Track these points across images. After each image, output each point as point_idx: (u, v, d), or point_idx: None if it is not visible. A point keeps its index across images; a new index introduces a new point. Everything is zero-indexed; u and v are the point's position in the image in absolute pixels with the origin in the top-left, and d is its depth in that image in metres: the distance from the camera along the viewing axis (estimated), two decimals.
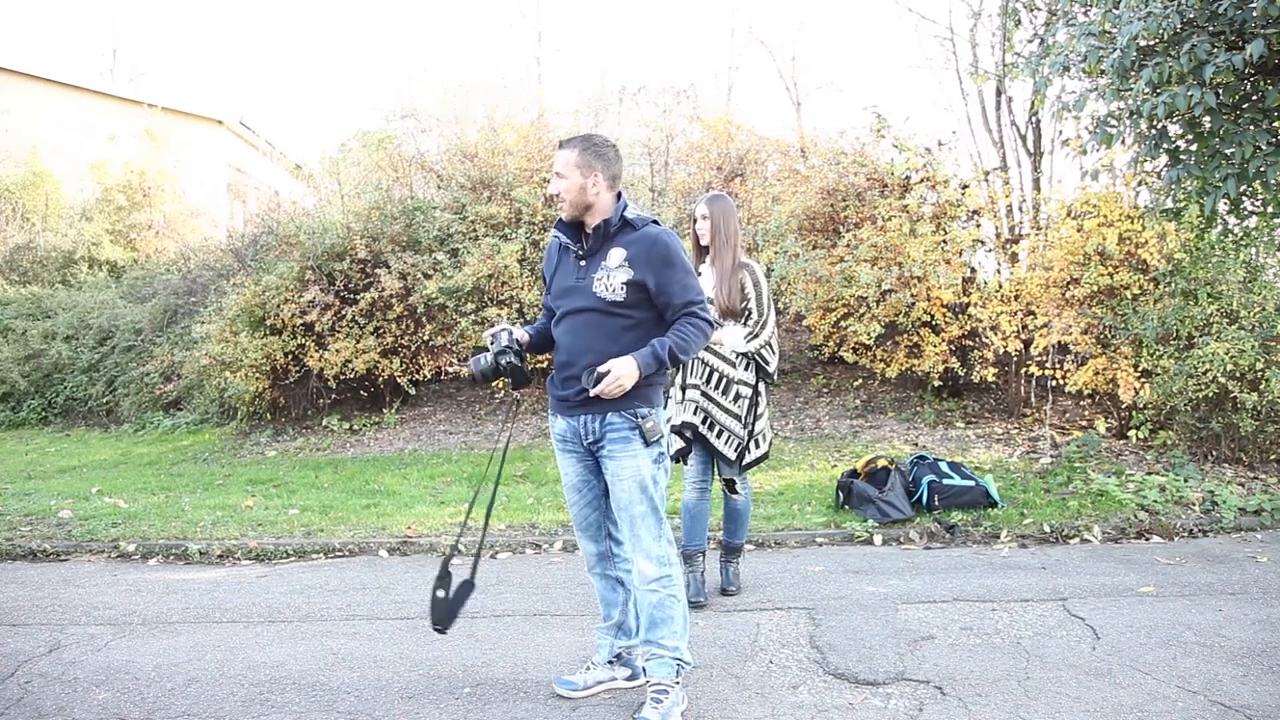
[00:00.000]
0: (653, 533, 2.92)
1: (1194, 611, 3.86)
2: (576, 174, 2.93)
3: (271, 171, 17.01)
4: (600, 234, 2.96)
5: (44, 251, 13.47)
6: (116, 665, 3.55)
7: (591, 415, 2.94)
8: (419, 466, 7.45)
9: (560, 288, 3.04)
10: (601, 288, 2.91)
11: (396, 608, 4.23)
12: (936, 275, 7.19)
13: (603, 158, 2.96)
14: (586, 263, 2.98)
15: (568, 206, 2.97)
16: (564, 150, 2.97)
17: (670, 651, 2.92)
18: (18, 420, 11.03)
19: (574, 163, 2.93)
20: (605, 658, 3.19)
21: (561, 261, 3.08)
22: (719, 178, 9.91)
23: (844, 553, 5.00)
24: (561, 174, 2.95)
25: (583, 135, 3.04)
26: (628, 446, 2.91)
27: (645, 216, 2.97)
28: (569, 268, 3.03)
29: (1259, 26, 4.07)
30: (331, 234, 8.80)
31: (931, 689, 3.13)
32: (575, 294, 2.97)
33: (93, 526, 5.75)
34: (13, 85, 15.92)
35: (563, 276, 3.05)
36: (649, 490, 2.92)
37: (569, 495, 3.13)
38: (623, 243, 2.94)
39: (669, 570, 2.93)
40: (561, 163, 2.95)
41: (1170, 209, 5.50)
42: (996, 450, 7.04)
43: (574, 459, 3.06)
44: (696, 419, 3.99)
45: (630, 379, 2.80)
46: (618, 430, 2.91)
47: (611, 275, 2.90)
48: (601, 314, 2.91)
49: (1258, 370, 6.15)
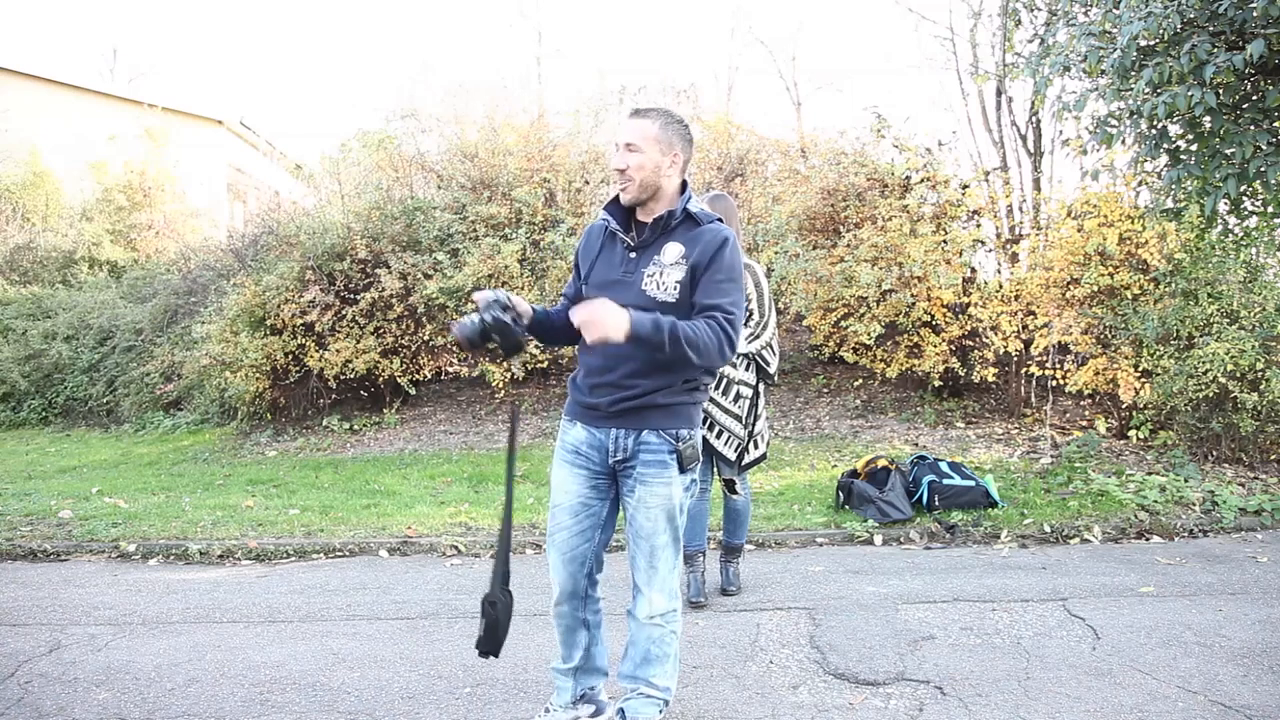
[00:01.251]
0: (670, 564, 2.64)
1: (1194, 611, 3.86)
2: (655, 150, 2.52)
3: (271, 171, 17.03)
4: (660, 226, 2.57)
5: (44, 251, 13.47)
6: (116, 665, 3.55)
7: (626, 430, 2.58)
8: (419, 467, 7.45)
9: (602, 279, 2.62)
10: (653, 285, 2.53)
11: (396, 608, 4.23)
12: (937, 275, 7.19)
13: (684, 138, 2.58)
14: (638, 255, 2.58)
15: (634, 188, 2.54)
16: (641, 120, 2.54)
17: (661, 692, 2.68)
18: (18, 420, 11.03)
19: (654, 136, 2.52)
20: (567, 700, 2.83)
21: (606, 249, 2.66)
22: (719, 178, 9.91)
23: (844, 553, 5.00)
24: (636, 147, 2.51)
25: (662, 108, 2.60)
26: (663, 472, 2.58)
27: (710, 213, 2.60)
28: (615, 257, 2.62)
29: (1259, 26, 4.08)
30: (332, 234, 8.80)
31: (932, 689, 3.13)
32: (620, 289, 2.55)
33: (93, 526, 5.75)
34: (13, 85, 15.93)
35: (606, 267, 2.63)
36: (675, 520, 2.64)
37: (560, 518, 2.69)
38: (683, 238, 2.56)
39: (676, 604, 2.67)
40: (638, 134, 2.52)
41: (1170, 209, 5.50)
42: (997, 450, 7.04)
43: (582, 476, 2.67)
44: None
45: (615, 330, 2.33)
46: (653, 452, 2.58)
47: (665, 272, 2.53)
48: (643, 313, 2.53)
49: (1258, 370, 6.15)
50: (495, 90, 10.49)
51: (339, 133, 29.56)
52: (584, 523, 2.69)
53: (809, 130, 10.66)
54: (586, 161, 9.47)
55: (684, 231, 2.57)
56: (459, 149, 9.71)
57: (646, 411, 2.57)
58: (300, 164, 16.70)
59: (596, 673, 2.86)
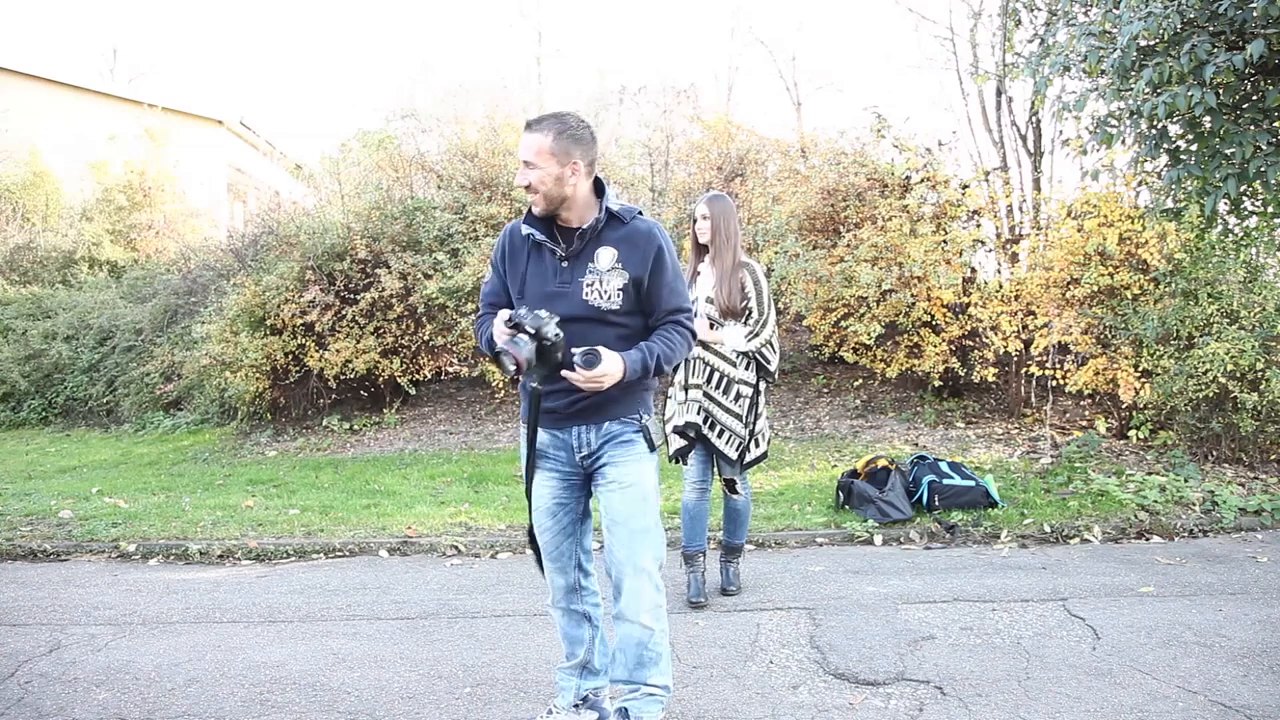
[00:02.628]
0: (653, 553, 2.60)
1: (1194, 611, 3.86)
2: (552, 163, 2.52)
3: (271, 171, 17.03)
4: (589, 233, 2.59)
5: (44, 251, 13.48)
6: (116, 665, 3.55)
7: (586, 425, 2.62)
8: (419, 466, 7.45)
9: (539, 292, 2.60)
10: (595, 295, 2.55)
11: (396, 608, 4.23)
12: (936, 275, 7.19)
13: (580, 142, 2.55)
14: (570, 264, 2.59)
15: (541, 200, 2.56)
16: (534, 134, 2.54)
17: (661, 690, 2.63)
18: (18, 420, 11.04)
19: (548, 150, 2.51)
20: (570, 701, 2.83)
21: (534, 259, 2.64)
22: (719, 178, 9.92)
23: (844, 553, 5.00)
24: (533, 163, 2.53)
25: (553, 115, 2.58)
26: (632, 451, 2.62)
27: (630, 206, 2.64)
28: (547, 269, 2.62)
29: (1259, 26, 4.07)
30: (331, 234, 8.80)
31: (932, 689, 3.13)
32: (560, 300, 2.55)
33: (93, 526, 5.75)
34: (13, 85, 15.94)
35: (539, 279, 2.62)
36: (651, 501, 2.63)
37: (541, 521, 2.72)
38: (611, 240, 2.59)
39: (661, 598, 2.62)
40: (533, 150, 2.53)
41: (1170, 209, 5.50)
42: (997, 450, 7.04)
43: (554, 479, 2.69)
44: (699, 419, 3.99)
45: (612, 381, 2.45)
46: (619, 435, 2.62)
47: (604, 280, 2.56)
48: (594, 323, 2.56)
49: (1258, 370, 6.15)
50: (495, 90, 10.52)
51: (339, 133, 29.56)
52: (562, 520, 2.73)
53: (809, 130, 10.67)
54: None
55: (611, 232, 2.60)
56: (459, 149, 9.72)
57: (605, 405, 2.61)
58: (300, 164, 16.70)
59: (600, 675, 2.87)
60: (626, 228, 2.61)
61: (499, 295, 2.75)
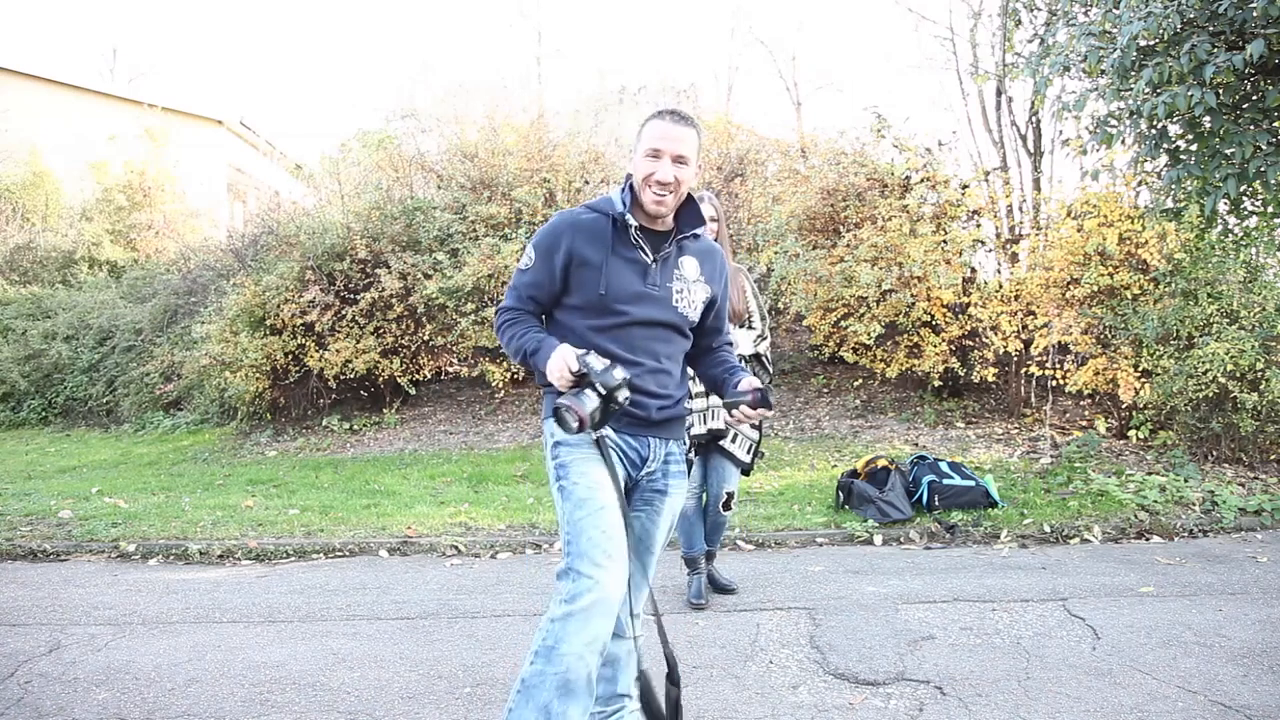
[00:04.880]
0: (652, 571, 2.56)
1: (1194, 611, 3.86)
2: (697, 162, 2.38)
3: (271, 171, 17.03)
4: (673, 239, 2.43)
5: (44, 251, 13.48)
6: (116, 665, 3.55)
7: (662, 440, 2.45)
8: (419, 466, 7.45)
9: (627, 290, 2.36)
10: (685, 303, 2.42)
11: (396, 608, 4.23)
12: (936, 275, 7.19)
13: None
14: (658, 266, 2.41)
15: (672, 200, 2.36)
16: (688, 129, 2.35)
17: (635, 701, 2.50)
18: (18, 420, 11.04)
19: (699, 148, 2.37)
20: None
21: (618, 256, 2.38)
22: (719, 178, 9.92)
23: (844, 553, 5.00)
24: (686, 159, 2.34)
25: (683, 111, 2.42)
26: (683, 482, 2.53)
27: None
28: (633, 267, 2.38)
29: (1259, 26, 4.08)
30: (331, 234, 8.81)
31: (931, 689, 3.13)
32: (649, 303, 2.38)
33: (93, 526, 5.75)
34: (13, 85, 15.95)
35: (626, 277, 2.37)
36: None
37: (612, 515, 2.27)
38: (693, 251, 2.47)
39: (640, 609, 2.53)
40: (691, 146, 2.35)
41: (1170, 209, 5.50)
42: (996, 450, 7.04)
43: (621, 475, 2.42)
44: (722, 424, 4.01)
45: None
46: (678, 463, 2.49)
47: (692, 290, 2.43)
48: (675, 332, 2.42)
49: (1258, 370, 6.15)
50: (495, 90, 10.50)
51: (339, 133, 29.58)
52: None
53: (809, 130, 10.69)
54: (586, 161, 9.47)
55: (690, 244, 2.48)
56: (459, 149, 9.72)
57: (675, 422, 2.49)
58: (300, 164, 16.71)
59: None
60: (701, 242, 2.50)
61: (542, 289, 2.43)
